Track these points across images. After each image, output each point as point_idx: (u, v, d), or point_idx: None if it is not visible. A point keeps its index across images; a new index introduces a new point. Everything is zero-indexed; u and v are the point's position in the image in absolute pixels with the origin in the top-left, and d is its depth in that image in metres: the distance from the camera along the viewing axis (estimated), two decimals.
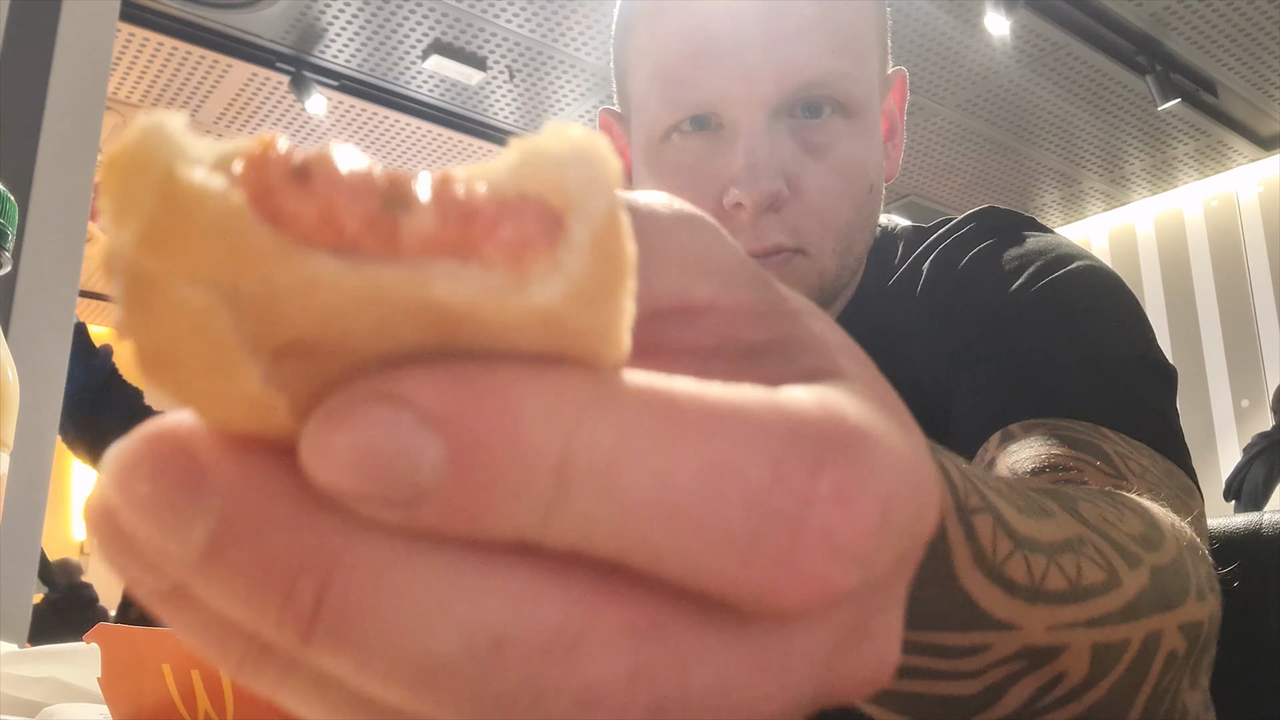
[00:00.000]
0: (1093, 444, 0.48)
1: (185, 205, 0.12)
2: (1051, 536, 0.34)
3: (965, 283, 0.62)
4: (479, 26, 3.56)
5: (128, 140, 0.13)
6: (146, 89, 3.95)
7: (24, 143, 1.38)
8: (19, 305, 1.33)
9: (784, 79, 0.59)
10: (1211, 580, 0.41)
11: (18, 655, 0.45)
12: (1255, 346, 4.39)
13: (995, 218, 0.67)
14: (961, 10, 3.46)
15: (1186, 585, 0.38)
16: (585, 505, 0.13)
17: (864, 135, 0.62)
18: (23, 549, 1.29)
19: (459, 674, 0.13)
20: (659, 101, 0.62)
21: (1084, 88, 3.94)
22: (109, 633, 0.32)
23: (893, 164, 0.69)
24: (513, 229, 0.13)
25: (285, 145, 0.13)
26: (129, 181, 0.12)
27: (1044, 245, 0.62)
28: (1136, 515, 0.39)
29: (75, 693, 0.44)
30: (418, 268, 0.12)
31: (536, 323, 0.13)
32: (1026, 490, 0.36)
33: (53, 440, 1.34)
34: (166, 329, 0.13)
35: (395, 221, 0.12)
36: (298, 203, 0.12)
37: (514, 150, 0.14)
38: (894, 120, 0.70)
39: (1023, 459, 0.49)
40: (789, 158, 0.60)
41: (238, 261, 0.12)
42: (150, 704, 0.31)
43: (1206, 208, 4.69)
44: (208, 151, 0.13)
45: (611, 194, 0.13)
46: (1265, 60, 3.77)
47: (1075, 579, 0.33)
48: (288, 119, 4.22)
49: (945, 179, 4.77)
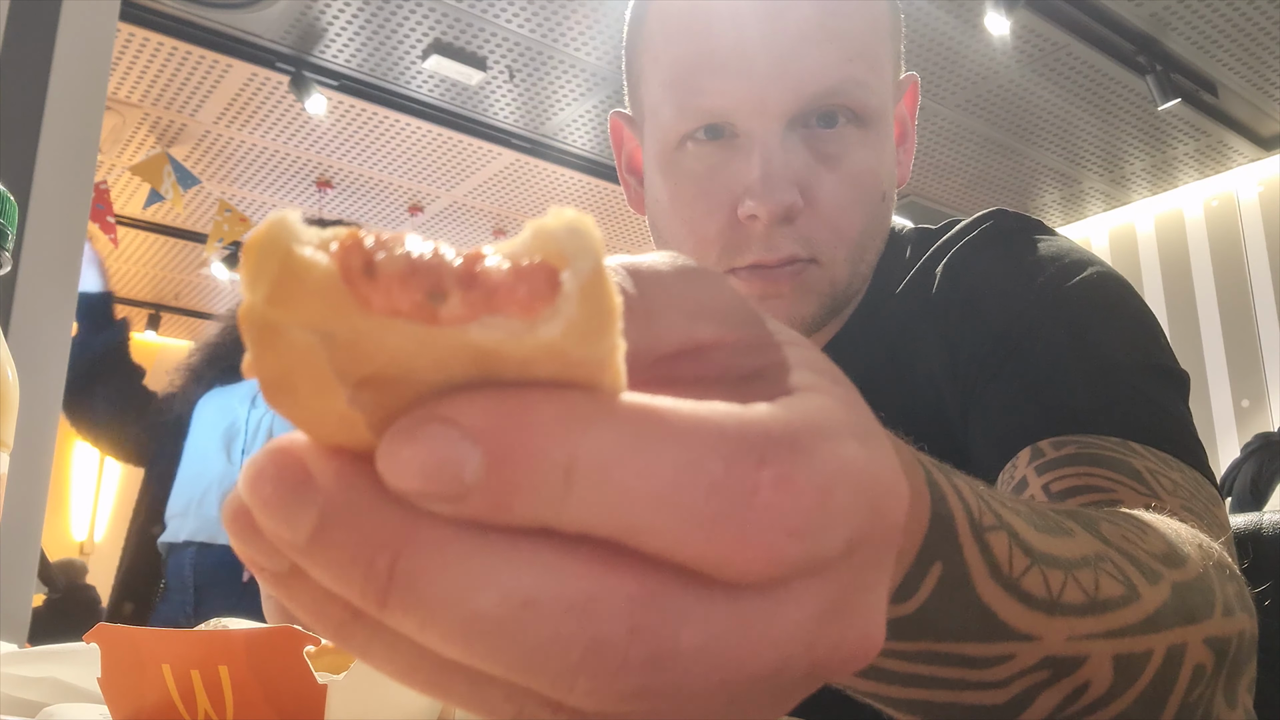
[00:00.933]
0: (1125, 462, 0.48)
1: (298, 273, 0.17)
2: (1070, 553, 0.34)
3: (977, 293, 0.62)
4: (479, 26, 3.56)
5: (261, 227, 0.17)
6: (146, 89, 3.95)
7: (24, 142, 1.38)
8: (19, 305, 1.33)
9: (799, 89, 0.59)
10: (1243, 598, 0.40)
11: (17, 655, 0.45)
12: (1255, 346, 4.39)
13: (1004, 221, 0.67)
14: (961, 10, 3.46)
15: (1212, 600, 0.38)
16: (588, 496, 0.17)
17: (878, 144, 0.62)
18: (22, 549, 1.29)
19: (498, 629, 0.16)
20: (673, 109, 0.62)
21: (1084, 88, 3.94)
22: (109, 633, 0.32)
23: (904, 169, 0.69)
24: (526, 288, 0.17)
25: (368, 238, 0.17)
26: (261, 257, 0.17)
27: (1055, 252, 0.62)
28: (1159, 534, 0.39)
29: (75, 693, 0.44)
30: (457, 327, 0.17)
31: (545, 356, 0.17)
32: (1047, 510, 0.36)
33: (53, 440, 1.34)
34: (283, 363, 0.17)
35: (435, 309, 0.17)
36: (368, 289, 0.17)
37: (527, 228, 0.18)
38: (905, 125, 0.69)
39: (1058, 481, 0.49)
40: (803, 168, 0.60)
41: (332, 315, 0.17)
42: (150, 704, 0.31)
43: (1207, 208, 4.69)
44: (315, 236, 0.17)
45: (596, 255, 0.17)
46: (1265, 60, 3.77)
47: (1093, 592, 0.34)
48: (287, 119, 4.22)
49: (945, 179, 4.77)
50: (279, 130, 4.32)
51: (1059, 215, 5.11)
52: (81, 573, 4.60)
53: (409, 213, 5.13)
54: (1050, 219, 5.15)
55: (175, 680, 0.31)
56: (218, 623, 0.44)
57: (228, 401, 1.89)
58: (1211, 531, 0.44)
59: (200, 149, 4.47)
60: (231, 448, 1.84)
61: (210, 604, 1.76)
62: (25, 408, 0.51)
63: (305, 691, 0.29)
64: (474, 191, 4.91)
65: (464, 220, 5.26)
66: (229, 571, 1.77)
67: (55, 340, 1.37)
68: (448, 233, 5.39)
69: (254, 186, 4.87)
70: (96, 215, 3.94)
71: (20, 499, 1.27)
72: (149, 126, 4.27)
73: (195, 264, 5.70)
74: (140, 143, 4.40)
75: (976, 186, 4.84)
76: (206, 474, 1.83)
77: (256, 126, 4.28)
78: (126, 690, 0.32)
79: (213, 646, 0.30)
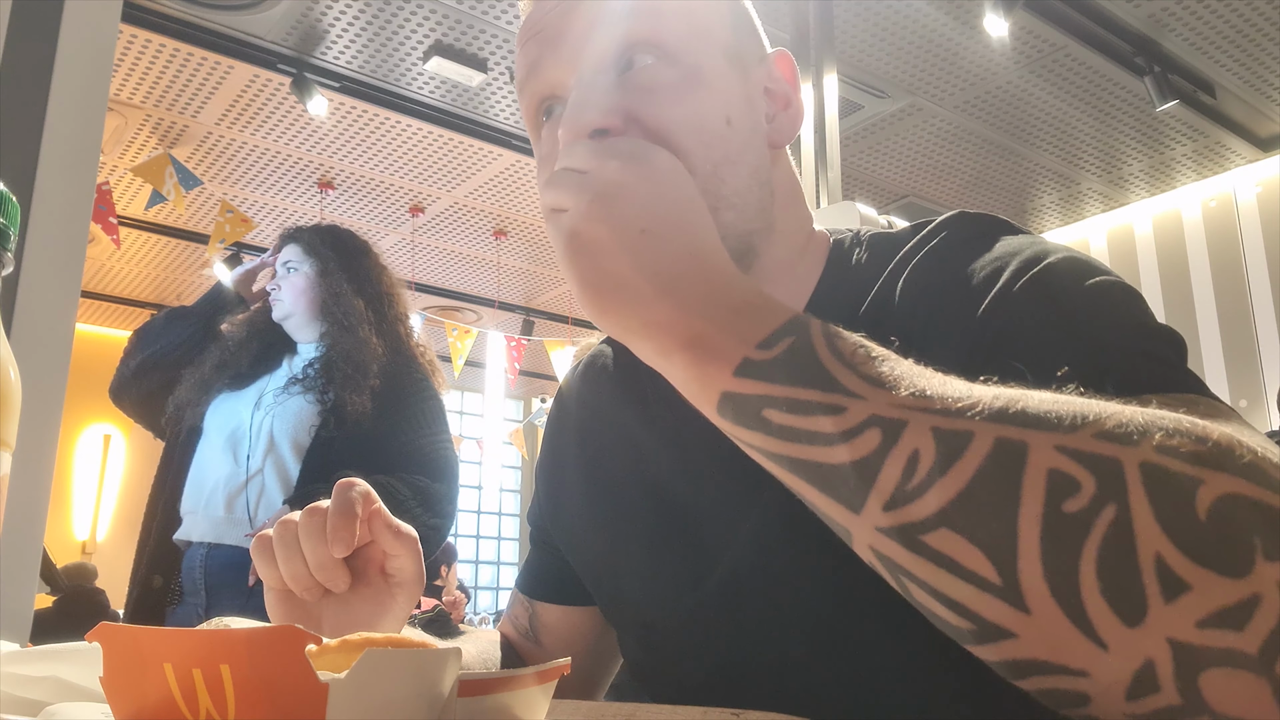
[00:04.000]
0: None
1: None
2: (927, 374, 0.42)
3: (945, 297, 0.59)
4: (480, 28, 3.57)
5: None
6: (149, 90, 3.95)
7: (26, 143, 1.38)
8: (21, 305, 1.33)
9: (605, 48, 0.62)
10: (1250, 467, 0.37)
11: (19, 654, 0.46)
12: (1253, 347, 4.39)
13: (966, 226, 0.64)
14: (960, 11, 3.46)
15: (1081, 422, 0.38)
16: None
17: (704, 77, 0.63)
18: (25, 549, 1.30)
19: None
20: (522, 105, 0.68)
21: (1082, 89, 3.95)
22: (111, 632, 0.33)
23: (784, 129, 0.69)
24: None
25: None
26: None
27: (1017, 246, 0.59)
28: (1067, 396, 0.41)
29: (77, 692, 0.44)
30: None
31: None
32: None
33: (55, 440, 1.35)
34: None
35: None
36: None
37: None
38: (787, 93, 0.70)
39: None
40: (614, 95, 0.61)
41: None
42: (152, 703, 0.32)
43: (1205, 209, 4.69)
44: None
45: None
46: (1264, 61, 3.78)
47: (922, 386, 0.41)
48: (289, 120, 4.22)
49: (944, 179, 4.78)
50: (280, 131, 4.32)
51: (1057, 216, 5.12)
52: (92, 576, 4.60)
53: (410, 213, 5.13)
54: (1048, 220, 5.15)
55: (177, 679, 0.31)
56: (219, 621, 0.44)
57: (234, 406, 1.91)
58: (1244, 429, 0.42)
59: (202, 150, 4.48)
60: (237, 450, 1.85)
61: (220, 606, 1.76)
62: (27, 407, 0.51)
63: (306, 690, 0.30)
64: (475, 192, 4.91)
65: (464, 220, 5.26)
66: (237, 572, 1.78)
67: (57, 340, 1.37)
68: (448, 233, 5.40)
69: (256, 187, 4.87)
70: (99, 216, 3.95)
71: (23, 499, 1.27)
72: (151, 127, 4.28)
73: (197, 265, 5.70)
74: (142, 144, 4.41)
75: (975, 187, 4.84)
76: (214, 475, 1.85)
77: (258, 128, 4.29)
78: (128, 689, 0.33)
79: (214, 645, 0.30)
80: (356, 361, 1.85)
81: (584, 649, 0.80)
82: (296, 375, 1.91)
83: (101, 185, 4.16)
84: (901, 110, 4.12)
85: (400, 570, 0.64)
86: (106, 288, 6.08)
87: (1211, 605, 0.34)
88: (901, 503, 0.39)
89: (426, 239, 5.46)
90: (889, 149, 4.48)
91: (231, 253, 5.23)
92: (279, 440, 1.83)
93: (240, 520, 1.80)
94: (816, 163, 2.88)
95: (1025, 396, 0.40)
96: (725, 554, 0.63)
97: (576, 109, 0.60)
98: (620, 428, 0.73)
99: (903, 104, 4.06)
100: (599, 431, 0.76)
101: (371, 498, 0.62)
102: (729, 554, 0.62)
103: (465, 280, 6.09)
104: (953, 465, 0.38)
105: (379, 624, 0.63)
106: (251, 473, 1.82)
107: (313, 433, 1.83)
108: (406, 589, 0.64)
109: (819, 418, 0.41)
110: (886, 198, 4.93)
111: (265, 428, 1.85)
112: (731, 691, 0.62)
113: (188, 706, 0.31)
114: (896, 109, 4.11)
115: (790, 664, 0.60)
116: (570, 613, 0.80)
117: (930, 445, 0.39)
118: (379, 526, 0.63)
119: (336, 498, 0.61)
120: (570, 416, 0.80)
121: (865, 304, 0.64)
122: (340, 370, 1.84)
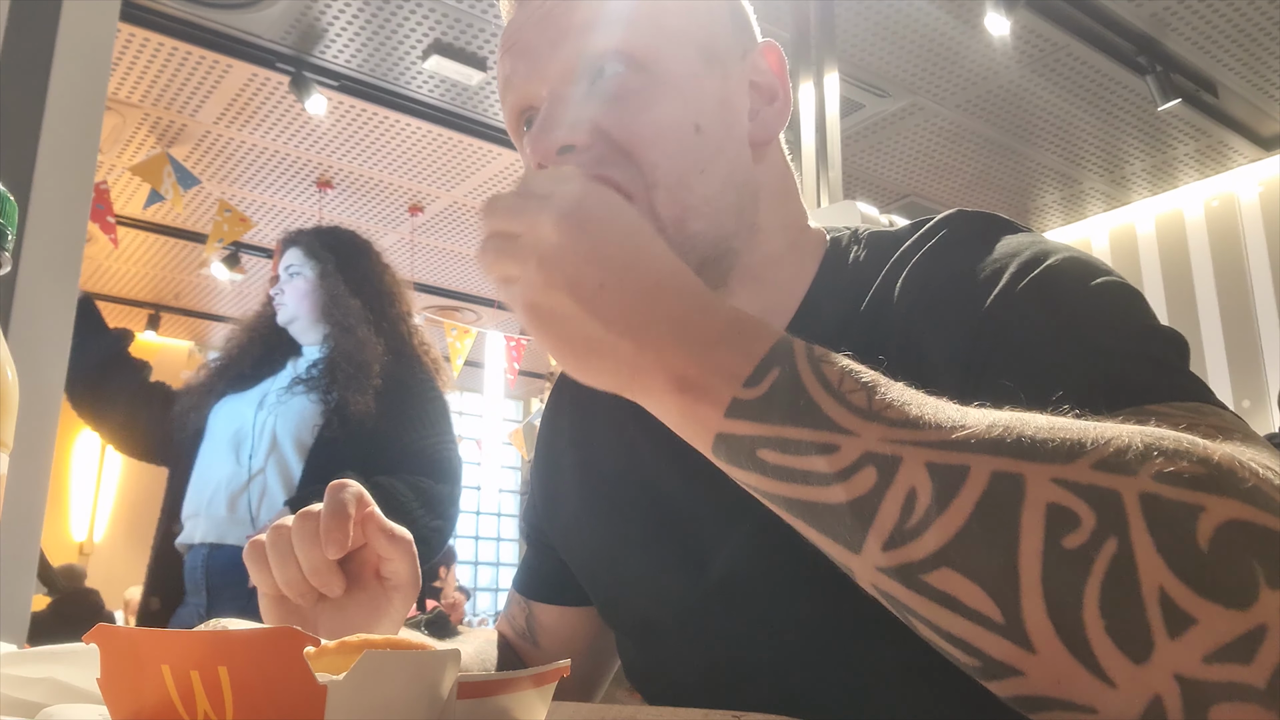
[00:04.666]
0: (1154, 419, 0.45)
1: None
2: (918, 398, 0.42)
3: (945, 296, 0.58)
4: (479, 26, 3.57)
5: None
6: (147, 89, 3.95)
7: (24, 142, 1.38)
8: (19, 305, 1.33)
9: (575, 59, 0.62)
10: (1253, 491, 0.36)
11: (16, 656, 0.45)
12: (1256, 347, 4.39)
13: (965, 224, 0.63)
14: (961, 10, 3.46)
15: (1079, 451, 0.37)
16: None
17: (665, 84, 0.62)
18: (22, 549, 1.29)
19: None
20: (505, 117, 0.68)
21: (1084, 88, 3.95)
22: (108, 633, 0.32)
23: (769, 125, 0.68)
24: None
25: None
26: None
27: (1016, 246, 0.58)
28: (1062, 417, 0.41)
29: (74, 693, 0.44)
30: None
31: None
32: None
33: (53, 441, 1.34)
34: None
35: None
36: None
37: None
38: (772, 85, 0.68)
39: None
40: (581, 111, 0.61)
41: None
42: (149, 704, 0.31)
43: (1207, 208, 4.69)
44: None
45: None
46: (1265, 60, 3.78)
47: (914, 415, 0.40)
48: (288, 119, 4.22)
49: (946, 179, 4.78)
50: (279, 130, 4.32)
51: (1059, 216, 5.12)
52: (80, 577, 4.60)
53: (409, 213, 5.13)
54: (1050, 219, 5.15)
55: (175, 681, 0.31)
56: (217, 623, 0.44)
57: (237, 407, 1.91)
58: (1248, 442, 0.41)
59: (200, 149, 4.47)
60: (240, 451, 1.85)
61: (222, 606, 1.76)
62: (25, 408, 0.51)
63: (305, 692, 0.29)
64: (474, 191, 4.91)
65: (464, 220, 5.26)
66: (239, 573, 1.78)
67: (55, 340, 1.37)
68: (447, 232, 5.40)
69: (254, 186, 4.87)
70: (96, 215, 3.94)
71: (20, 499, 1.27)
72: (149, 126, 4.27)
73: (195, 264, 5.70)
74: (140, 143, 4.40)
75: (976, 187, 4.84)
76: (216, 476, 1.85)
77: (257, 127, 4.29)
78: (126, 691, 0.32)
79: (212, 647, 0.30)
80: (358, 362, 1.85)
81: (582, 650, 0.80)
82: (300, 376, 1.91)
83: (99, 184, 4.16)
84: (903, 109, 4.12)
85: (395, 573, 0.63)
86: (104, 287, 6.08)
87: (1217, 639, 0.33)
88: (900, 542, 0.38)
89: (426, 238, 5.46)
90: (890, 148, 4.48)
91: (230, 252, 5.24)
92: (282, 440, 1.83)
93: (242, 520, 1.80)
94: (817, 162, 2.88)
95: (1020, 422, 0.39)
96: (722, 554, 0.62)
97: (542, 128, 0.61)
98: (615, 427, 0.73)
99: (904, 103, 4.06)
100: (594, 431, 0.76)
101: (365, 499, 0.62)
102: (725, 554, 0.62)
103: (465, 280, 6.09)
104: (950, 502, 0.37)
105: (375, 628, 0.63)
106: (254, 472, 1.82)
107: (316, 433, 1.83)
108: (402, 592, 0.64)
109: (813, 457, 0.41)
110: (888, 197, 4.93)
111: (268, 427, 1.85)
112: (728, 691, 0.62)
113: (185, 708, 0.31)
114: (898, 108, 4.11)
115: (786, 664, 0.60)
116: (567, 613, 0.80)
117: (926, 482, 0.38)
118: (373, 530, 0.62)
119: (329, 499, 0.60)
120: (565, 416, 0.80)
121: (865, 302, 0.63)
122: (343, 371, 1.85)
